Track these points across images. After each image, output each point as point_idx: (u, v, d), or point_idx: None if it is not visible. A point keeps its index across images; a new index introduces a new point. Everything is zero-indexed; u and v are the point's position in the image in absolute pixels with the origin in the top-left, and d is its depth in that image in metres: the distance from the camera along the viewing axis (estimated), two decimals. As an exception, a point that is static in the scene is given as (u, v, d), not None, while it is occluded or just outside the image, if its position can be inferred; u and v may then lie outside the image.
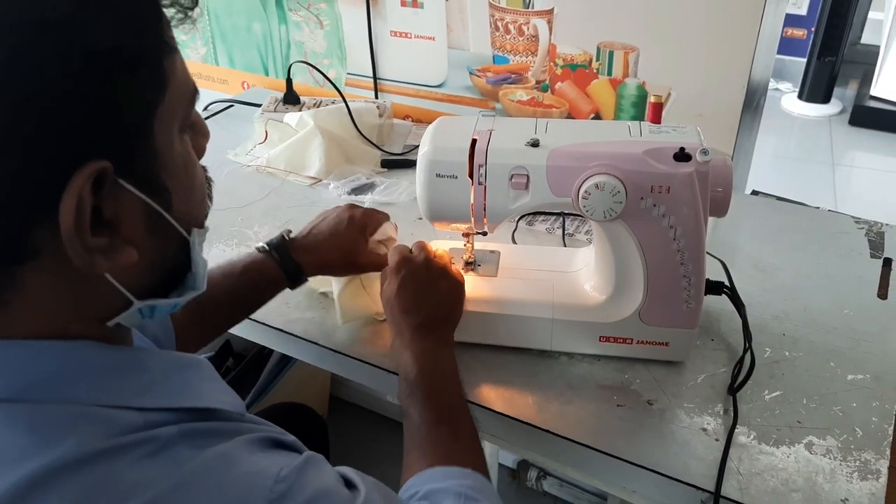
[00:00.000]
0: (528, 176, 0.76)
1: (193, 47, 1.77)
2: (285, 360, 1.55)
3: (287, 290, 0.89)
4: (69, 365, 0.45)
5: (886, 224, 1.12)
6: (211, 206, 0.55)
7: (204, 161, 0.54)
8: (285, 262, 0.85)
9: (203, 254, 0.54)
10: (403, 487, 0.65)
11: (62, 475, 0.40)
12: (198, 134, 0.52)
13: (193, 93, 0.48)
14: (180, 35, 0.47)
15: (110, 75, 0.41)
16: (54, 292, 0.44)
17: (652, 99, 0.83)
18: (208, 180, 0.54)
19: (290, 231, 0.89)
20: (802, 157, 3.18)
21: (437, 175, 0.79)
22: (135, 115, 0.43)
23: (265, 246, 0.87)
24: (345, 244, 0.88)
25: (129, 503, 0.40)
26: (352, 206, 0.93)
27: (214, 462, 0.45)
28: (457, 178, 0.78)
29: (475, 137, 0.78)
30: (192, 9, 0.46)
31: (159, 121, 0.45)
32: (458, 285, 0.84)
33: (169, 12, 0.45)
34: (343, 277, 0.93)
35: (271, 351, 1.52)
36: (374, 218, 0.93)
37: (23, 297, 0.43)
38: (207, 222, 0.54)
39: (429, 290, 0.80)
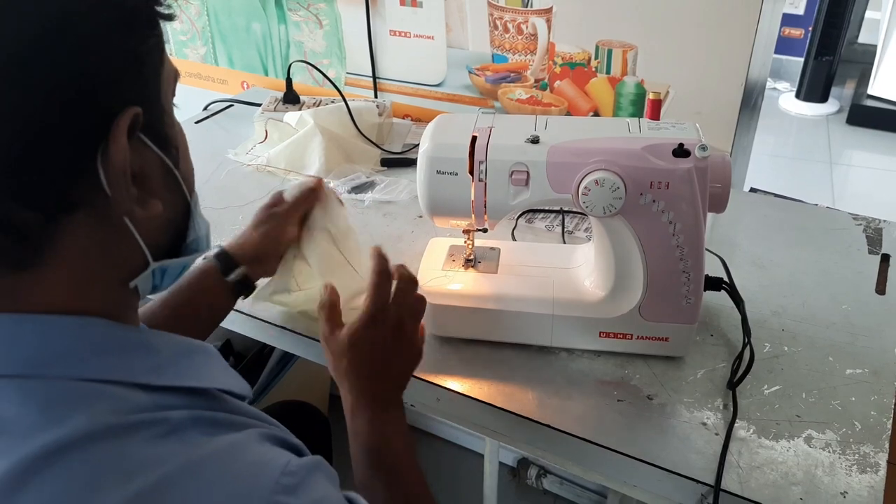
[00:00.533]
0: (528, 172, 0.77)
1: (193, 47, 1.77)
2: (286, 359, 1.56)
3: None
4: (81, 341, 0.46)
5: (884, 220, 1.12)
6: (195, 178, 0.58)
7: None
8: (220, 259, 0.85)
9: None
10: None
11: (71, 451, 0.41)
12: None
13: (176, 72, 0.52)
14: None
15: (133, 31, 0.45)
16: (86, 250, 0.46)
17: (651, 96, 0.83)
18: None
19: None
20: (800, 157, 3.19)
21: (438, 172, 0.79)
22: (151, 70, 0.47)
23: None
24: (259, 226, 0.88)
25: (137, 481, 0.41)
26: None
27: (224, 449, 0.45)
28: (457, 174, 0.79)
29: (475, 134, 0.78)
30: None
31: (163, 82, 0.49)
32: (418, 356, 0.78)
33: None
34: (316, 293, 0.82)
35: (272, 349, 1.53)
36: (279, 197, 0.91)
37: (57, 253, 0.45)
38: (207, 219, 0.58)
39: (395, 358, 0.75)
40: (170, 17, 0.49)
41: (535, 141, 0.77)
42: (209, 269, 0.85)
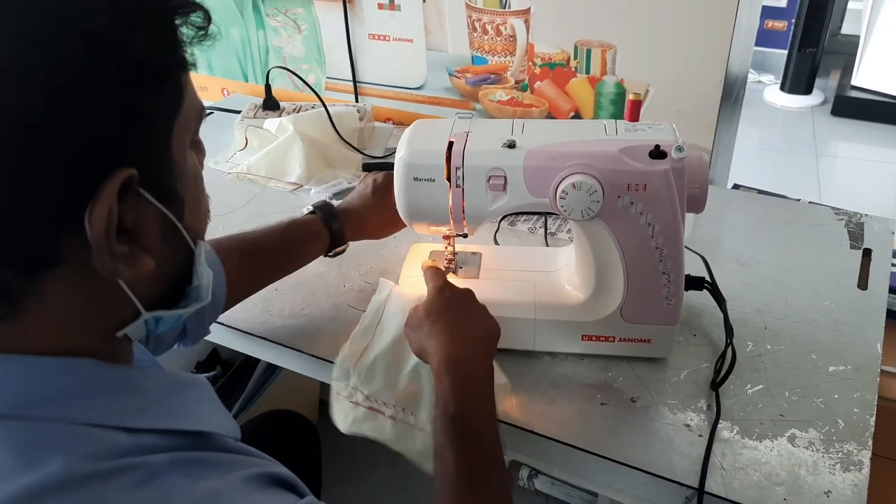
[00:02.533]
0: (505, 177, 0.76)
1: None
2: (273, 367, 1.55)
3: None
4: (67, 382, 0.45)
5: (865, 215, 1.12)
6: (209, 221, 0.56)
7: None
8: (328, 220, 0.93)
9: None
10: None
11: (46, 497, 0.40)
12: (198, 152, 0.53)
13: (201, 109, 0.50)
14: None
15: (141, 87, 0.42)
16: (70, 302, 0.45)
17: (630, 97, 0.83)
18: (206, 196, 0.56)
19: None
20: (786, 149, 3.20)
21: (415, 179, 0.79)
22: (158, 126, 0.45)
23: (311, 207, 0.95)
24: (373, 206, 0.96)
25: None
26: (375, 173, 1.00)
27: (203, 499, 0.44)
28: (434, 181, 0.78)
29: (452, 140, 0.78)
30: (206, 27, 0.48)
31: (176, 133, 0.46)
32: (495, 326, 0.79)
33: (188, 32, 0.47)
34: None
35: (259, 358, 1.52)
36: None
37: (40, 305, 0.44)
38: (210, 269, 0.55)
39: (472, 323, 0.76)
40: (190, 68, 0.46)
41: (511, 146, 0.76)
42: (314, 222, 0.92)
